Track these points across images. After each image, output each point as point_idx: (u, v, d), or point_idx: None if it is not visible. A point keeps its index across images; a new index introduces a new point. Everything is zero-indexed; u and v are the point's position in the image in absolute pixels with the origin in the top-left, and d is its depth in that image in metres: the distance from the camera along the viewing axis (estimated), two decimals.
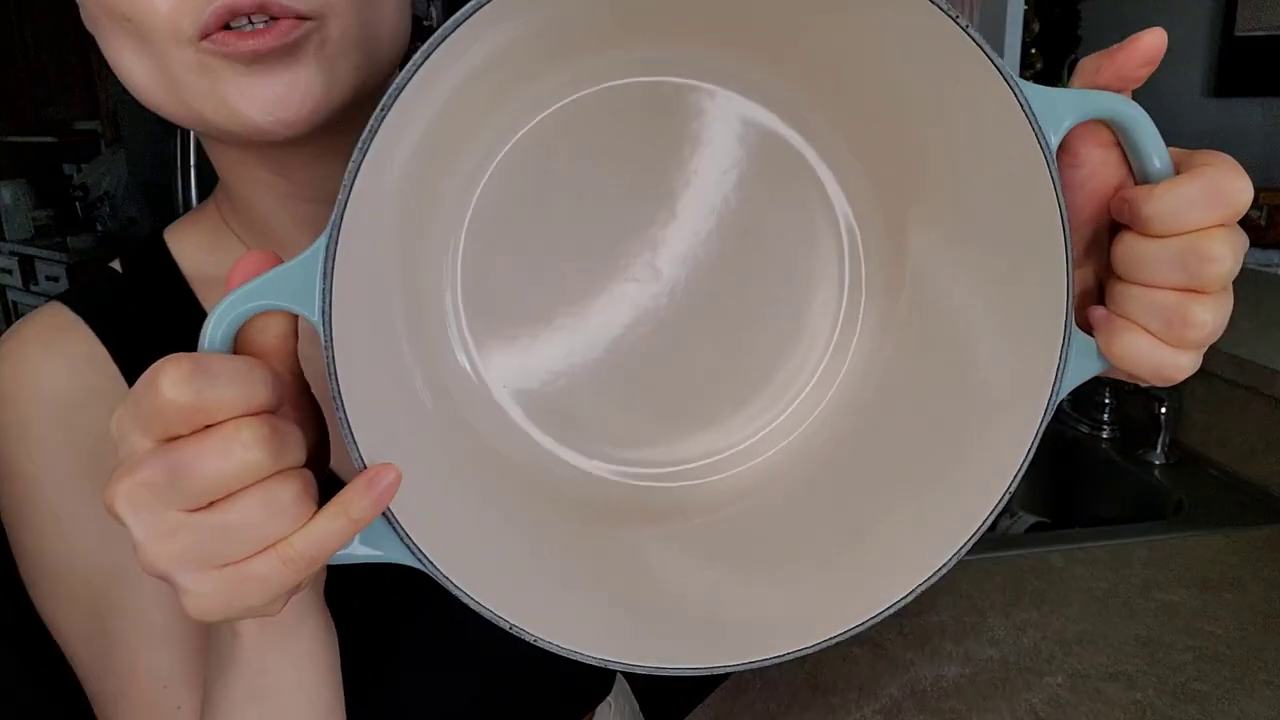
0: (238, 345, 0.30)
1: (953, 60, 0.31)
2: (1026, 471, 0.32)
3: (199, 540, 0.27)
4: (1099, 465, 1.22)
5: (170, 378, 0.26)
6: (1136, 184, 0.33)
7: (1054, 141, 0.31)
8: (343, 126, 0.39)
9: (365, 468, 0.30)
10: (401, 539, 0.31)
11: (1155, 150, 0.32)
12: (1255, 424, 1.08)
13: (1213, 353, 1.25)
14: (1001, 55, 1.96)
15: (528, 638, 0.33)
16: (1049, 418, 0.33)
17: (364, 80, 0.40)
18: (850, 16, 0.33)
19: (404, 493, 0.30)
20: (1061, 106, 0.31)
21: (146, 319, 0.46)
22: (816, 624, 0.35)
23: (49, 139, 3.89)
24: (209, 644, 0.38)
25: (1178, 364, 0.32)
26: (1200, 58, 4.28)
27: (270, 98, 0.36)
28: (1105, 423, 1.24)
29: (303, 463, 0.29)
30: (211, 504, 0.27)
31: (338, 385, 0.29)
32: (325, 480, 0.31)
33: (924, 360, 0.40)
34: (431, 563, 0.32)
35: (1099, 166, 0.33)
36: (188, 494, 0.27)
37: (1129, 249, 0.32)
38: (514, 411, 0.40)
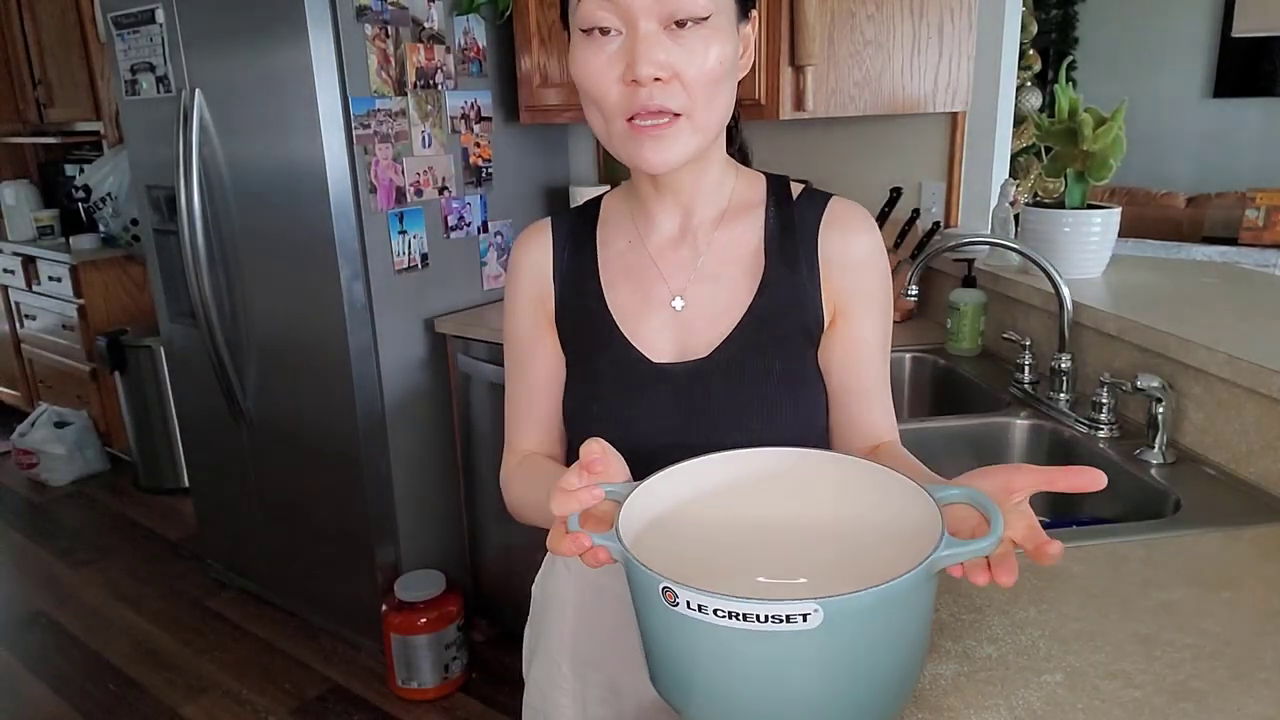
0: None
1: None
2: None
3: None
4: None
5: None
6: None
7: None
8: (689, 164, 0.79)
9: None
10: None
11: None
12: (1252, 424, 1.08)
13: (1211, 353, 1.24)
14: (999, 56, 1.96)
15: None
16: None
17: (704, 143, 0.78)
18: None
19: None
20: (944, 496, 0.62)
21: (573, 232, 0.91)
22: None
23: (52, 140, 3.89)
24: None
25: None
26: (1199, 59, 4.28)
27: (655, 156, 0.75)
28: (1103, 422, 1.25)
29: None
30: None
31: (619, 536, 0.58)
32: None
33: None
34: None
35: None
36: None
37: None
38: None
